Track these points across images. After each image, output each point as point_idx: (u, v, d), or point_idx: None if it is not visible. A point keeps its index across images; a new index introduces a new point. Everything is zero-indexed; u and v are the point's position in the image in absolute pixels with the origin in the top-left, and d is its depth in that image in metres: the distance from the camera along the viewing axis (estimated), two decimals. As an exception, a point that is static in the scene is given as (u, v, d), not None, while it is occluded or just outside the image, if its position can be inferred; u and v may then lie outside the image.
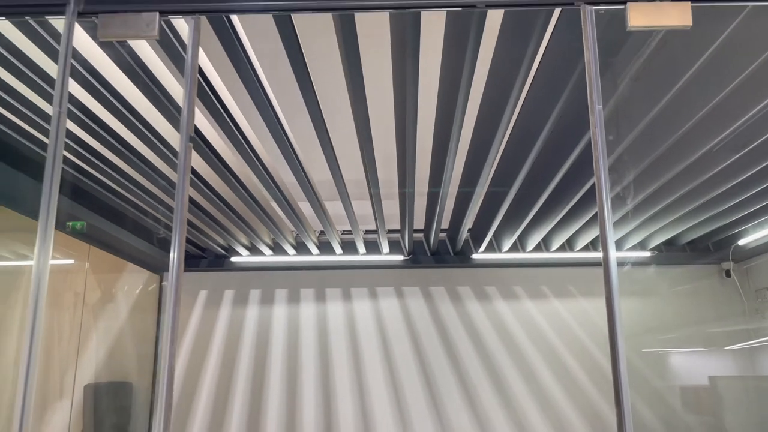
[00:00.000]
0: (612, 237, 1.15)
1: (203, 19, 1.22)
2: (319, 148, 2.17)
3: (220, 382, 3.78)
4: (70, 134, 1.90)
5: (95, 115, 1.75)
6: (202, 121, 2.02)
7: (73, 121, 1.80)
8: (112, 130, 1.86)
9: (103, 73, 1.43)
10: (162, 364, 1.02)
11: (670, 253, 3.79)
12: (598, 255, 3.71)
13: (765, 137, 2.06)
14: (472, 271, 3.90)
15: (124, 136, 1.93)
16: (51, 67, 1.47)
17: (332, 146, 2.19)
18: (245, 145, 2.08)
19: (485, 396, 3.74)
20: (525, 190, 2.82)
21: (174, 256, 1.16)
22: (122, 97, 1.63)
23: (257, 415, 3.73)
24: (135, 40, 1.17)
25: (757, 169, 2.39)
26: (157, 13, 1.16)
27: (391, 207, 3.29)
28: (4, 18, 1.19)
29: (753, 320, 3.67)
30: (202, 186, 2.50)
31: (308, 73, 1.55)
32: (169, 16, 1.18)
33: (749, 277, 3.72)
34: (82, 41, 1.32)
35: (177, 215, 1.14)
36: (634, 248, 3.72)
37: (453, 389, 3.77)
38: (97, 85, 1.54)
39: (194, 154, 2.22)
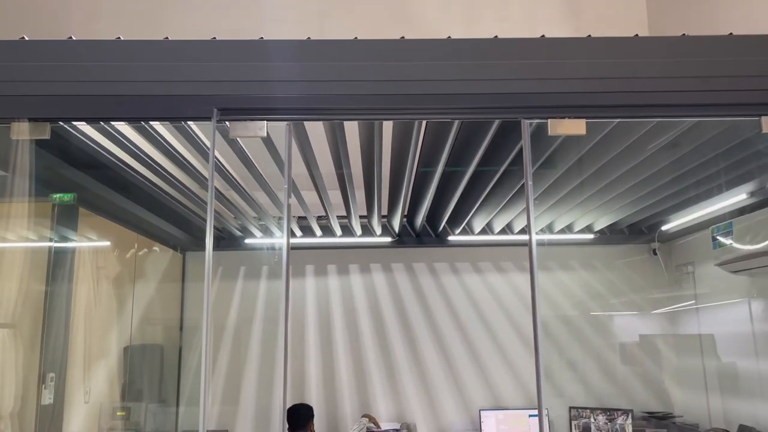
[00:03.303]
0: (534, 233, 2.00)
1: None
2: (327, 147, 2.90)
3: (235, 341, 4.63)
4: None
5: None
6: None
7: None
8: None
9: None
10: (279, 328, 1.85)
11: (613, 234, 4.71)
12: (549, 237, 4.62)
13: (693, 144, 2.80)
14: (448, 250, 4.79)
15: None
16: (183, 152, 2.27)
17: (338, 147, 2.92)
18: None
19: (456, 350, 4.69)
20: (495, 188, 3.67)
21: (284, 243, 1.97)
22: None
23: (270, 367, 4.60)
24: (251, 138, 1.96)
25: (684, 170, 3.19)
26: (265, 122, 1.96)
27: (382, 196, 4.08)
28: (168, 122, 1.97)
29: (673, 290, 4.65)
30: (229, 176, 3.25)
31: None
32: (273, 122, 1.97)
33: (671, 254, 4.68)
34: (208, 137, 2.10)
35: (285, 237, 1.95)
36: (582, 231, 4.64)
37: (430, 345, 4.70)
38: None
39: (223, 155, 3.01)
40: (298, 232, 4.48)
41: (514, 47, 1.98)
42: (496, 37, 2.00)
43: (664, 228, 4.38)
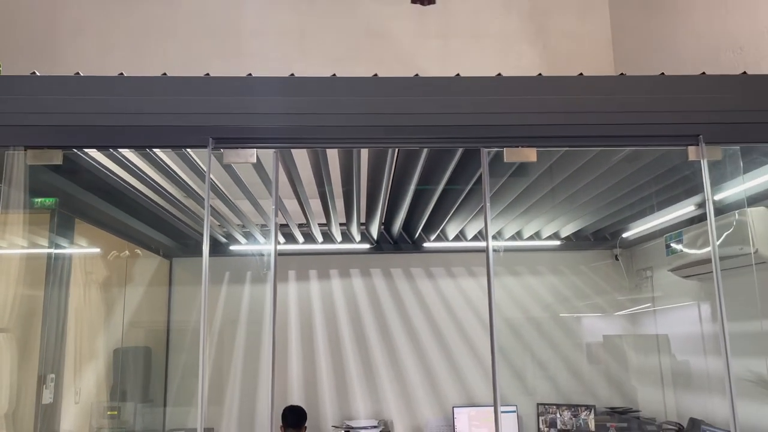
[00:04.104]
0: (491, 244, 2.29)
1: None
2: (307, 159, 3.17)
3: (220, 343, 4.88)
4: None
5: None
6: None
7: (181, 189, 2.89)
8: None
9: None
10: (266, 330, 2.12)
11: (578, 241, 5.04)
12: (518, 243, 4.94)
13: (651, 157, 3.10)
14: (423, 255, 5.09)
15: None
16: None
17: (320, 167, 3.19)
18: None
19: (430, 350, 4.99)
20: (467, 198, 3.97)
21: (272, 255, 2.24)
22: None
23: (254, 368, 4.86)
24: (242, 164, 2.23)
25: (639, 184, 3.50)
26: (255, 150, 2.23)
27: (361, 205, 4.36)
28: (170, 149, 2.23)
29: (633, 293, 5.00)
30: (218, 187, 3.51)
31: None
32: (261, 150, 2.25)
33: (632, 260, 5.03)
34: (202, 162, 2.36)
35: (272, 248, 2.23)
36: (550, 238, 4.96)
37: (406, 345, 5.00)
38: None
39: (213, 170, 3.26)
40: (281, 239, 4.74)
41: (475, 85, 2.28)
42: (458, 75, 2.29)
43: (624, 235, 4.72)
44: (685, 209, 3.72)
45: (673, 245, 4.02)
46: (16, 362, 3.50)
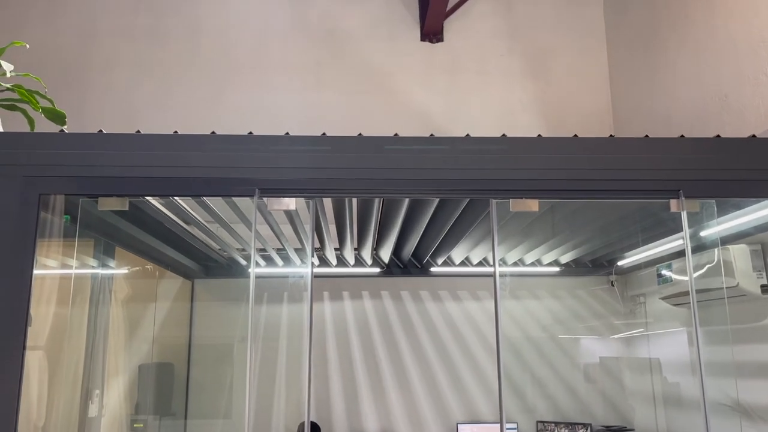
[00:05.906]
0: (498, 271, 2.64)
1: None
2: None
3: (240, 357, 5.23)
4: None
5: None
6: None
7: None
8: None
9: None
10: (304, 344, 2.46)
11: (577, 267, 5.40)
12: (519, 269, 5.30)
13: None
14: (431, 279, 5.45)
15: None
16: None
17: (344, 201, 3.56)
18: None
19: (437, 368, 5.33)
20: (475, 229, 4.33)
21: (309, 273, 2.60)
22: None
23: (269, 383, 5.20)
24: (283, 209, 2.60)
25: (636, 218, 3.88)
26: (294, 199, 2.59)
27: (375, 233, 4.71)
28: (219, 197, 2.59)
29: (627, 317, 5.35)
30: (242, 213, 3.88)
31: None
32: (298, 198, 2.61)
33: (626, 286, 5.39)
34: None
35: (309, 275, 2.58)
36: (550, 264, 5.32)
37: (413, 364, 5.34)
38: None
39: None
40: (297, 261, 5.10)
41: (484, 144, 2.64)
42: (467, 135, 2.66)
43: (620, 263, 5.08)
44: (673, 243, 4.09)
45: (664, 274, 4.38)
46: (50, 378, 3.85)
